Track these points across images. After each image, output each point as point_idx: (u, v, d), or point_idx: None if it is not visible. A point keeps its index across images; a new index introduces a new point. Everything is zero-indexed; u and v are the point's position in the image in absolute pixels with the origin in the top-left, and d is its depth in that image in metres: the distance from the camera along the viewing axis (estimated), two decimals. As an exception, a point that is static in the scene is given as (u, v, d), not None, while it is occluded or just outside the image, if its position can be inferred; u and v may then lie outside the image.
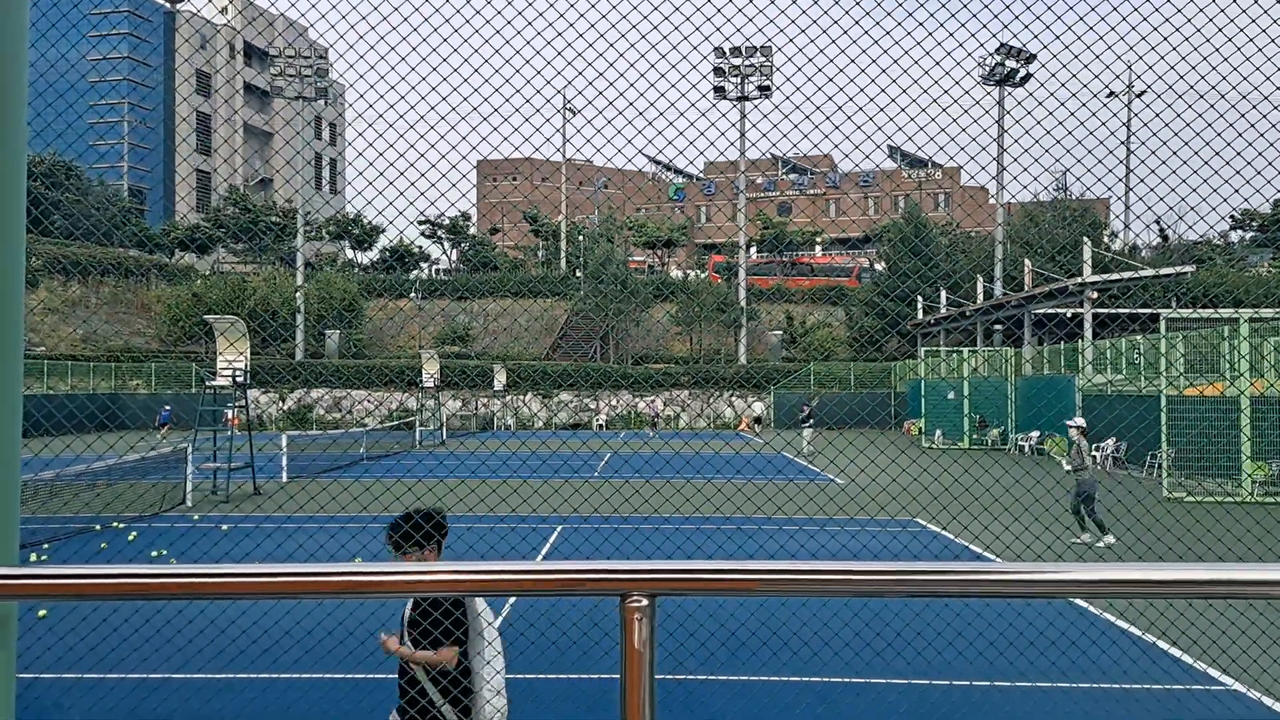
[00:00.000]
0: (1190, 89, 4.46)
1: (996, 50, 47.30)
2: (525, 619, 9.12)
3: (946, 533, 15.05)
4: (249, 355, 20.51)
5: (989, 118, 50.38)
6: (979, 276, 48.34)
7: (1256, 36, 4.19)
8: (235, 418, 22.36)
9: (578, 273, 68.78)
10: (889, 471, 21.72)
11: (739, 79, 56.98)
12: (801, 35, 4.38)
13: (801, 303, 66.67)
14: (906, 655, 7.85)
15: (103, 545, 13.53)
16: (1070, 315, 37.13)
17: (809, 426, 32.16)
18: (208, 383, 20.61)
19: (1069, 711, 6.81)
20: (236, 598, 1.73)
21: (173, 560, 12.39)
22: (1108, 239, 58.26)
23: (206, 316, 23.80)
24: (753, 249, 77.90)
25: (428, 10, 4.10)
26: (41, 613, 8.92)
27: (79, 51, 76.90)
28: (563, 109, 68.27)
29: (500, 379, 51.39)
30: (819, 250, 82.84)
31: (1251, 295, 44.49)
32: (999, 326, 45.45)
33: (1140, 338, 28.12)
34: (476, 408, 53.27)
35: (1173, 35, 4.26)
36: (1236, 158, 4.62)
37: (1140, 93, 55.77)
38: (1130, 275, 33.41)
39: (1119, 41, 4.41)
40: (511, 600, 9.67)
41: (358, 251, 76.88)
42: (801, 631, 8.09)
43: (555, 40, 4.23)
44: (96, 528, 14.92)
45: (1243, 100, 4.58)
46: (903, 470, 19.54)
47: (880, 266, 67.08)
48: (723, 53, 56.01)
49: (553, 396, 54.69)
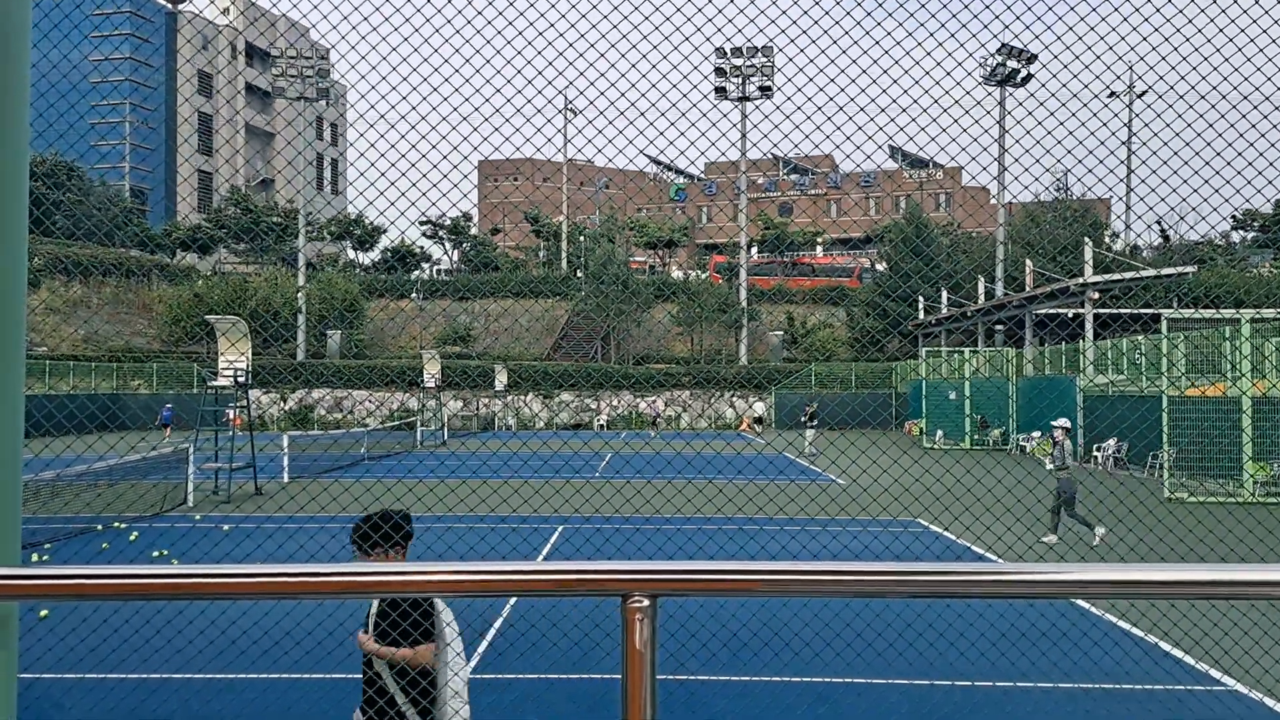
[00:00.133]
0: (1191, 89, 4.45)
1: (998, 50, 47.30)
2: (526, 619, 9.12)
3: (948, 533, 15.04)
4: (250, 355, 20.53)
5: (990, 118, 50.40)
6: (980, 277, 48.31)
7: (1258, 37, 4.19)
8: (237, 418, 22.37)
9: (579, 273, 68.78)
10: (890, 472, 21.70)
11: (740, 79, 56.98)
12: (803, 36, 4.38)
13: (802, 303, 66.66)
14: (908, 656, 7.85)
15: (104, 545, 13.54)
16: (1071, 316, 37.10)
17: (812, 427, 32.19)
18: (209, 383, 20.63)
19: (1070, 712, 6.81)
20: (237, 598, 1.73)
21: (174, 560, 12.39)
22: (1109, 239, 58.23)
23: (208, 317, 23.82)
24: (754, 249, 77.91)
25: (429, 11, 4.10)
26: (43, 613, 8.93)
27: (81, 52, 76.90)
28: (564, 109, 68.32)
29: (501, 379, 51.40)
30: (820, 251, 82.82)
31: (1253, 296, 44.44)
32: (1000, 327, 45.43)
33: (1142, 338, 28.09)
34: (478, 408, 53.29)
35: (1174, 36, 4.26)
36: (1238, 158, 4.62)
37: (1141, 93, 55.82)
38: (1131, 276, 33.38)
39: (1120, 42, 4.40)
40: (513, 600, 9.67)
41: (359, 252, 76.94)
42: (803, 632, 8.09)
43: (556, 40, 4.23)
44: (98, 528, 14.93)
45: (1244, 101, 4.57)
46: (904, 471, 19.52)
47: (881, 267, 67.06)
48: (724, 53, 56.01)
49: (554, 397, 54.70)
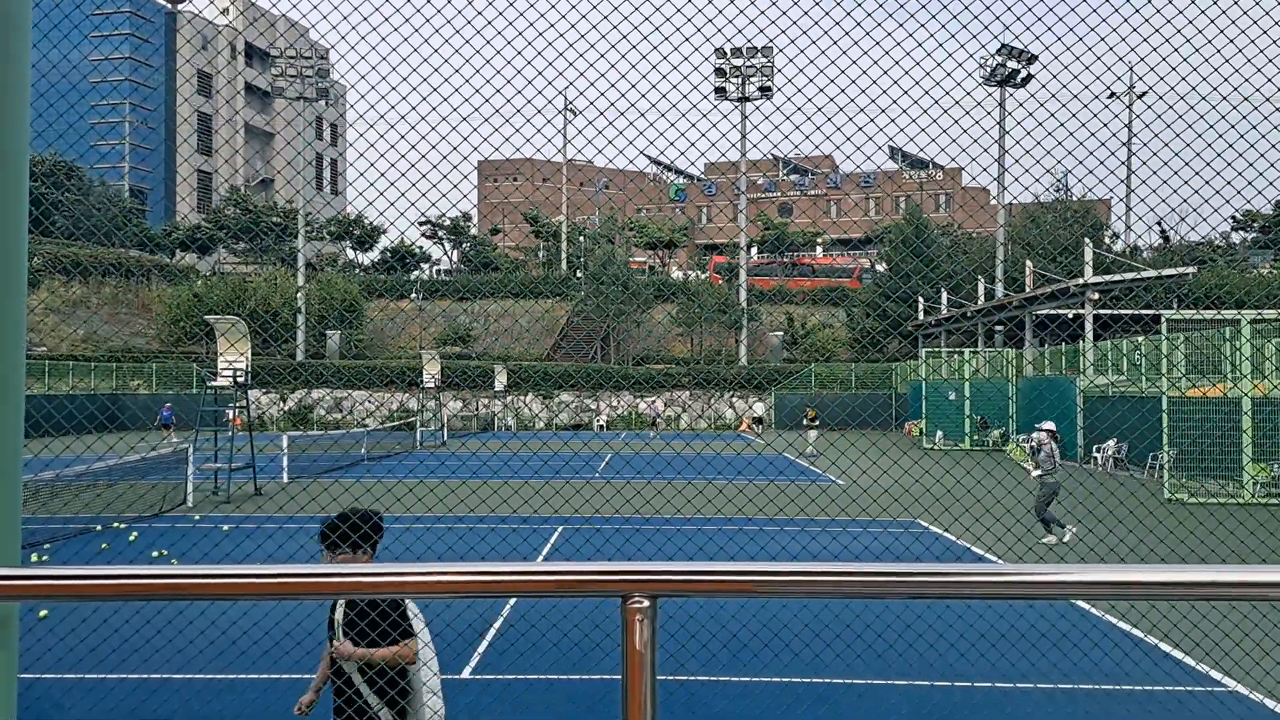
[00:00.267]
0: (1192, 90, 4.45)
1: (997, 51, 47.31)
2: (526, 620, 9.12)
3: (948, 534, 15.04)
4: (250, 356, 20.52)
5: (990, 119, 50.41)
6: (980, 277, 48.31)
7: (1258, 38, 4.19)
8: (237, 418, 22.36)
9: (579, 273, 68.78)
10: (890, 473, 21.70)
11: (740, 80, 56.97)
12: (803, 36, 4.38)
13: (802, 304, 66.66)
14: (908, 657, 7.85)
15: (104, 546, 13.53)
16: (1072, 316, 37.09)
17: (814, 428, 32.22)
18: (209, 383, 20.62)
19: (1070, 713, 6.81)
20: (237, 598, 1.73)
21: (174, 561, 12.39)
22: (1109, 240, 58.23)
23: (207, 317, 23.82)
24: (754, 250, 77.89)
25: (429, 11, 4.10)
26: (43, 613, 8.92)
27: (81, 52, 76.89)
28: (564, 109, 68.31)
29: (501, 380, 51.38)
30: (820, 251, 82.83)
31: (1253, 296, 44.45)
32: (1000, 327, 45.41)
33: (1142, 339, 28.09)
34: (477, 408, 53.27)
35: (1174, 37, 4.26)
36: (1238, 159, 4.62)
37: (1142, 94, 55.82)
38: (1132, 276, 33.38)
39: (1120, 43, 4.40)
40: (512, 601, 9.67)
41: (359, 252, 76.93)
42: (803, 633, 8.09)
43: (556, 41, 4.23)
44: (97, 528, 14.93)
45: (1244, 102, 4.57)
46: (904, 472, 19.51)
47: (881, 267, 67.05)
48: (724, 53, 55.99)
49: (553, 397, 54.68)
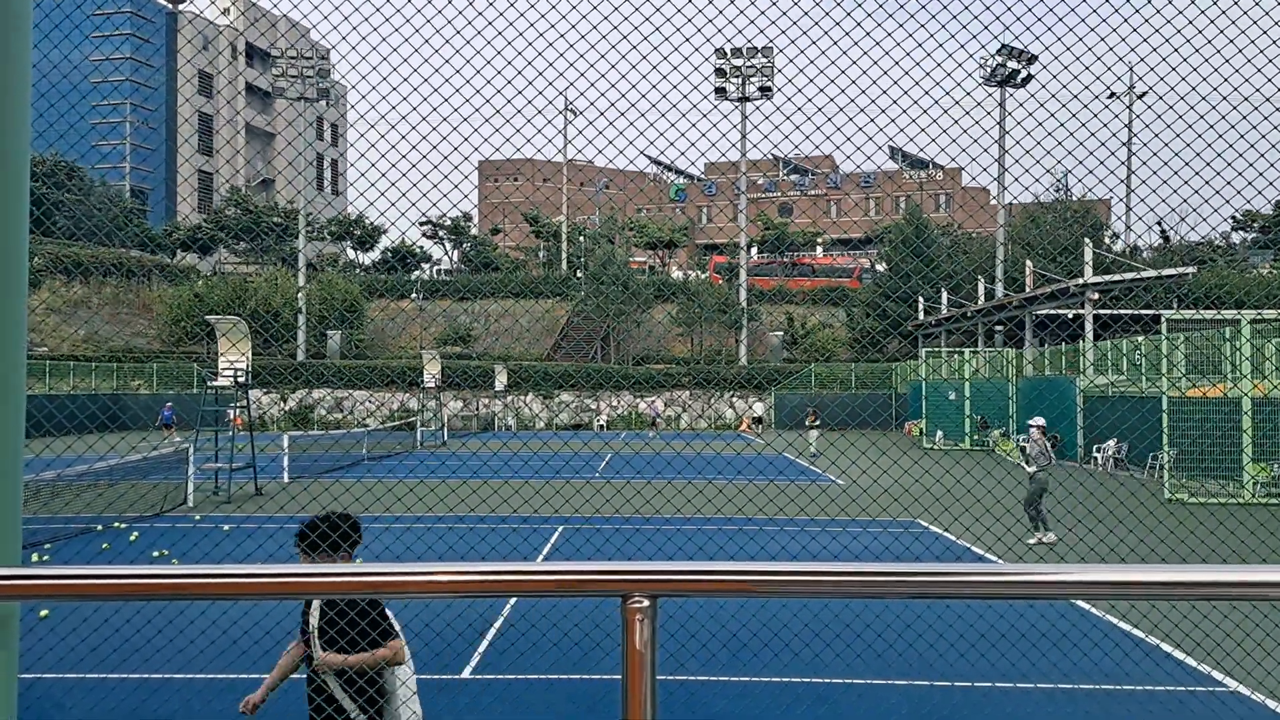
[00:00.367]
0: (1192, 90, 4.45)
1: (998, 51, 47.29)
2: (526, 620, 9.12)
3: (948, 534, 15.04)
4: (250, 356, 20.53)
5: (990, 119, 50.39)
6: (980, 277, 48.30)
7: (1258, 38, 4.19)
8: (238, 418, 22.38)
9: (579, 273, 68.78)
10: (890, 473, 21.70)
11: (740, 80, 56.96)
12: (803, 36, 4.38)
13: (802, 304, 66.65)
14: (907, 656, 7.85)
15: (104, 546, 13.54)
16: (1071, 316, 37.08)
17: (815, 428, 32.22)
18: (209, 383, 20.63)
19: (1070, 713, 6.81)
20: (237, 598, 1.74)
21: (174, 561, 12.39)
22: (1109, 240, 58.20)
23: (208, 317, 23.83)
24: (754, 250, 77.90)
25: (430, 11, 4.11)
26: (43, 613, 8.92)
27: (82, 52, 76.85)
28: (564, 110, 68.32)
29: (501, 379, 51.37)
30: (820, 251, 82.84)
31: (1253, 297, 44.44)
32: (1000, 327, 45.40)
33: (1142, 339, 28.08)
34: (478, 408, 53.27)
35: (1174, 37, 4.26)
36: (1238, 159, 4.62)
37: (1142, 94, 55.82)
38: (1132, 276, 33.36)
39: (1120, 43, 4.40)
40: (513, 601, 9.67)
41: (359, 252, 76.94)
42: (803, 633, 8.09)
43: (557, 41, 4.23)
44: (98, 528, 14.93)
45: (1244, 102, 4.57)
46: (904, 472, 19.51)
47: (881, 267, 67.05)
48: (724, 53, 55.99)
49: (554, 397, 54.68)
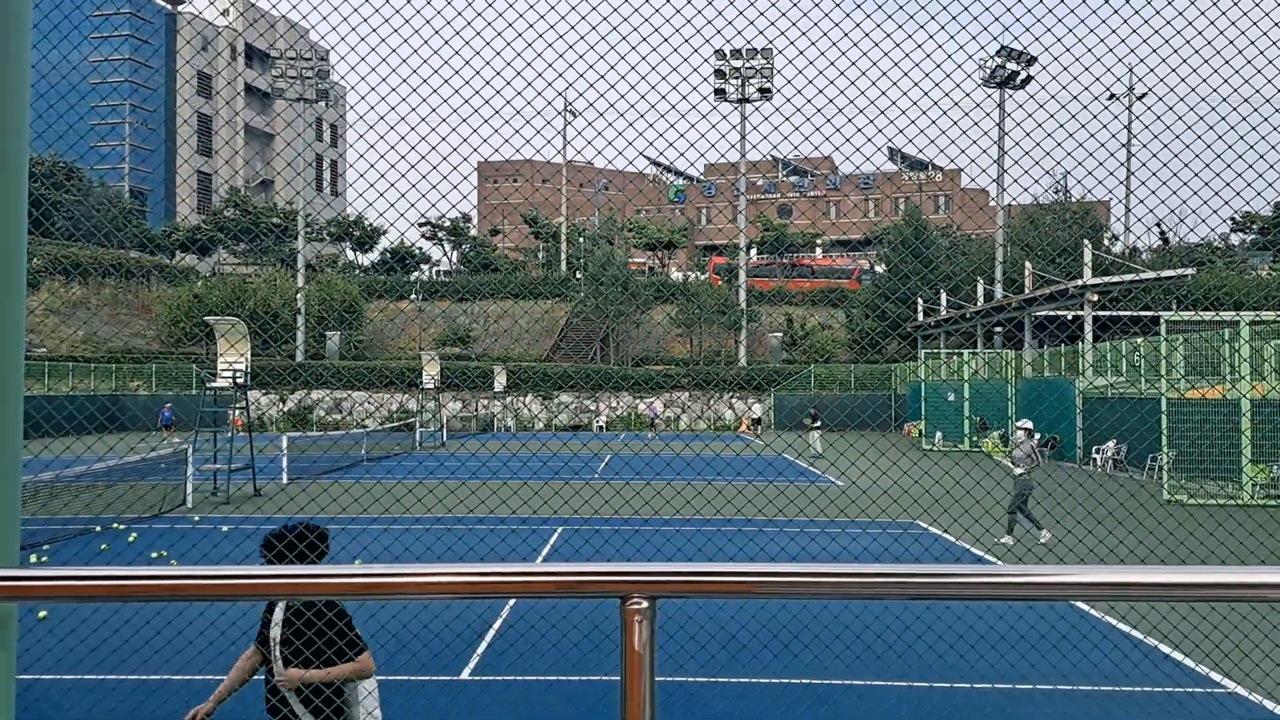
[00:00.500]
0: (1191, 92, 4.46)
1: (997, 53, 47.30)
2: (526, 621, 9.11)
3: (947, 535, 15.03)
4: (249, 356, 20.52)
5: (989, 120, 50.39)
6: (979, 279, 48.32)
7: (1258, 39, 4.19)
8: (238, 419, 22.37)
9: (578, 274, 68.78)
10: (889, 474, 21.70)
11: (739, 81, 56.97)
12: (802, 38, 4.38)
13: (802, 305, 66.66)
14: (907, 658, 7.85)
15: (103, 546, 13.53)
16: (1071, 318, 37.10)
17: (816, 429, 32.22)
18: (208, 384, 20.61)
19: (1069, 714, 6.81)
20: (237, 599, 1.73)
21: (173, 561, 12.38)
22: (1108, 242, 58.23)
23: (207, 318, 23.81)
24: (753, 251, 77.92)
25: (429, 13, 4.11)
26: (42, 614, 8.91)
27: (80, 53, 76.87)
28: (564, 111, 68.32)
29: (500, 380, 51.35)
30: (819, 252, 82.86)
31: (1252, 298, 44.47)
32: (999, 329, 45.40)
33: (1141, 340, 28.10)
34: (477, 409, 53.25)
35: (1173, 38, 4.26)
36: (1237, 160, 4.62)
37: (1141, 96, 55.82)
38: (1131, 278, 33.37)
39: (1120, 44, 4.41)
40: (511, 602, 9.66)
41: (358, 253, 76.91)
42: (802, 634, 8.09)
43: (556, 42, 4.23)
44: (97, 529, 14.92)
45: (1244, 103, 4.58)
46: (904, 473, 19.52)
47: (881, 269, 67.08)
48: (723, 55, 55.99)
49: (553, 398, 54.67)
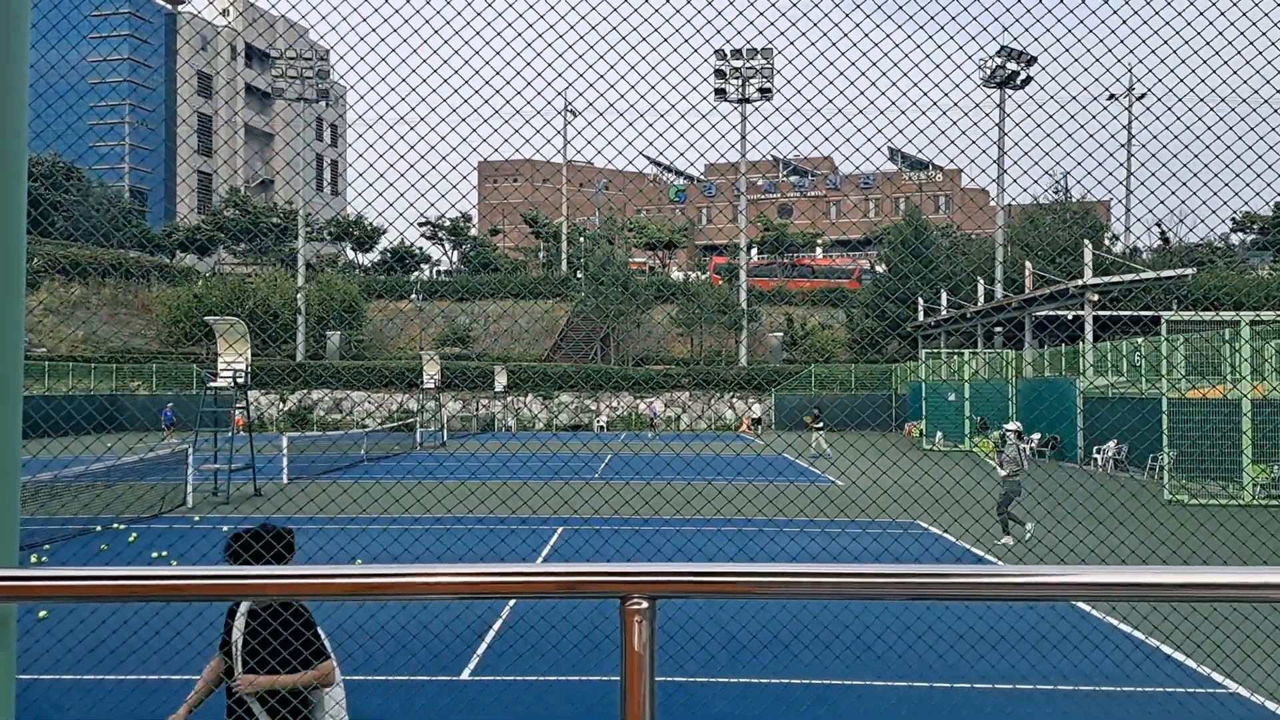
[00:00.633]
0: (1191, 92, 4.45)
1: (997, 53, 47.32)
2: (526, 621, 9.11)
3: (947, 535, 15.03)
4: (249, 356, 20.51)
5: (989, 120, 50.34)
6: (979, 279, 48.32)
7: (1257, 39, 4.19)
8: (239, 419, 22.38)
9: (578, 274, 68.79)
10: (890, 474, 21.69)
11: (740, 81, 56.97)
12: (802, 38, 4.37)
13: (802, 304, 66.68)
14: (907, 658, 7.84)
15: (103, 546, 13.53)
16: (1071, 318, 37.10)
17: (818, 429, 32.22)
18: (208, 384, 20.61)
19: (1070, 714, 6.80)
20: (237, 599, 1.73)
21: (173, 562, 12.38)
22: (1108, 242, 58.22)
23: (207, 318, 23.81)
24: (753, 251, 77.94)
25: (428, 12, 4.10)
26: (42, 614, 8.91)
27: (79, 53, 76.89)
28: (564, 110, 68.33)
29: (501, 380, 51.36)
30: (819, 252, 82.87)
31: (1253, 298, 44.47)
32: (1000, 329, 45.40)
33: (1141, 340, 28.10)
34: (477, 409, 53.26)
35: (1173, 38, 4.26)
36: (1237, 160, 4.62)
37: (1141, 95, 55.80)
38: (1131, 278, 33.37)
39: (1119, 44, 4.40)
40: (512, 602, 9.66)
41: (358, 253, 76.92)
42: (802, 634, 8.09)
43: (556, 42, 4.23)
44: (96, 529, 14.92)
45: (1243, 103, 4.58)
46: (904, 473, 19.51)
47: (881, 268, 67.09)
48: (723, 55, 55.99)
49: (553, 398, 54.67)
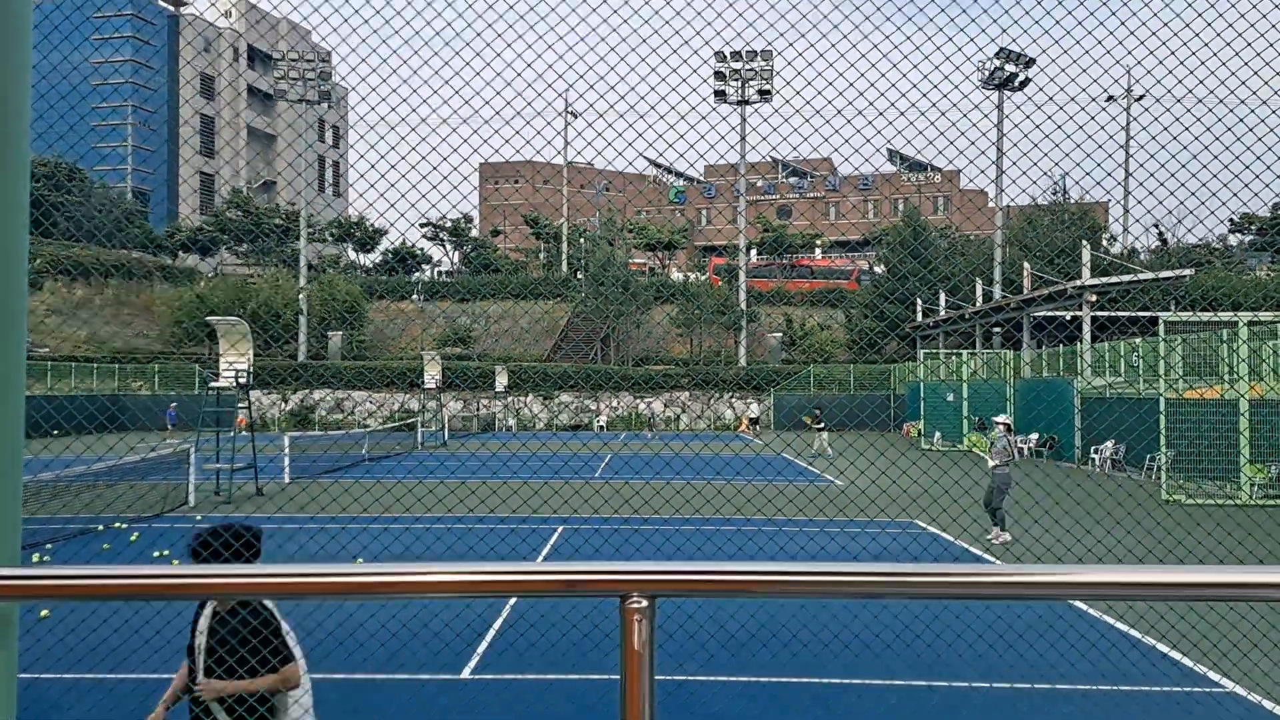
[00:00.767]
0: (1189, 93, 4.48)
1: (996, 54, 47.36)
2: (526, 620, 9.13)
3: (946, 534, 15.05)
4: (251, 357, 20.53)
5: (988, 121, 50.43)
6: (978, 279, 48.34)
7: (1255, 41, 4.21)
8: (241, 418, 22.41)
9: (579, 275, 68.82)
10: (888, 474, 21.71)
11: (739, 83, 57.00)
12: (802, 40, 4.40)
13: (801, 305, 66.71)
14: (906, 657, 7.86)
15: (105, 546, 13.55)
16: (1069, 318, 37.12)
17: (819, 429, 32.24)
18: (210, 384, 20.63)
19: (1067, 713, 6.82)
20: (238, 598, 1.75)
21: (175, 561, 12.40)
22: (1106, 242, 58.24)
23: (209, 318, 23.83)
24: (753, 252, 77.96)
25: (429, 14, 4.13)
26: (44, 613, 8.93)
27: (82, 54, 76.89)
28: (564, 112, 68.38)
29: (501, 380, 51.38)
30: (819, 253, 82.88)
31: (1250, 298, 44.49)
32: (998, 329, 45.42)
33: (1139, 341, 28.12)
34: (478, 409, 53.28)
35: (1171, 40, 4.28)
36: (1235, 161, 4.64)
37: (1139, 97, 55.83)
38: (1129, 278, 33.39)
39: (1117, 46, 4.43)
40: (512, 601, 9.69)
41: (360, 254, 76.96)
42: (801, 633, 8.11)
43: (557, 44, 4.26)
44: (98, 528, 14.94)
45: (1241, 104, 4.60)
46: (903, 472, 19.52)
47: (880, 269, 67.12)
48: (723, 57, 56.02)
49: (553, 398, 54.69)
